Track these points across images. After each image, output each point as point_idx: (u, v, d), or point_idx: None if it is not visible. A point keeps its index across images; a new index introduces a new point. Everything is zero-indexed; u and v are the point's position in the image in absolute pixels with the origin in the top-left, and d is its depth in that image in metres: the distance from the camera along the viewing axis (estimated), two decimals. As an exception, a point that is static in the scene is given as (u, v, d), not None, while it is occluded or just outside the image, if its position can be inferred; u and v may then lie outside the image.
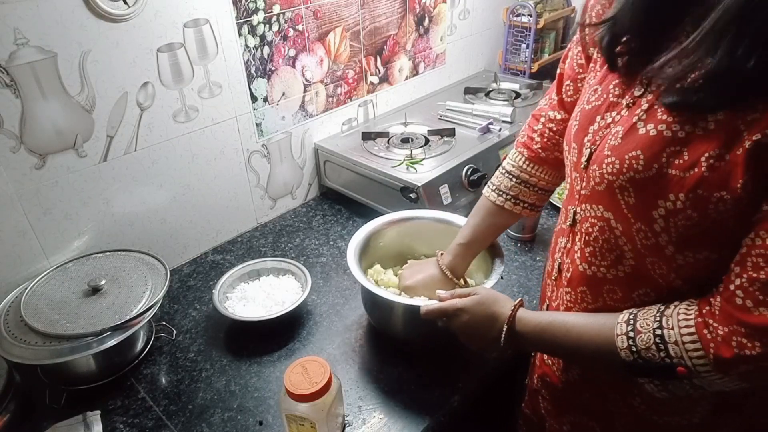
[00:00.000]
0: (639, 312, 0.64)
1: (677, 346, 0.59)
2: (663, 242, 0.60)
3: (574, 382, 0.80)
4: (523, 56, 1.98)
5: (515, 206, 0.93)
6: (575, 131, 0.72)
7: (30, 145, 0.97)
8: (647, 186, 0.59)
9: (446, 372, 0.97)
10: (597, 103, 0.69)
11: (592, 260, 0.70)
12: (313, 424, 0.77)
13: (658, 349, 0.60)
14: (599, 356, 0.67)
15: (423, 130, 1.49)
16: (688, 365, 0.58)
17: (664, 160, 0.58)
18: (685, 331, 0.59)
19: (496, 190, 0.94)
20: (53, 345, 0.87)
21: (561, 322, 0.72)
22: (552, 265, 0.83)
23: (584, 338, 0.68)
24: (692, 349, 0.58)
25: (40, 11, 0.91)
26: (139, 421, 0.91)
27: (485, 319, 0.78)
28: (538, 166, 0.91)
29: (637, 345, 0.62)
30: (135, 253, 1.07)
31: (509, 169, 0.93)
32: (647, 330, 0.61)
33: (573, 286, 0.75)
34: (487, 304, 0.79)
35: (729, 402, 0.67)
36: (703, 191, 0.55)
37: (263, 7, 1.22)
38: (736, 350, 0.55)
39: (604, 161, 0.64)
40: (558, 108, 0.87)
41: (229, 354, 1.03)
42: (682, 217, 0.57)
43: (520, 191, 0.92)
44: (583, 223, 0.71)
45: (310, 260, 1.28)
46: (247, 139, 1.31)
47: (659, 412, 0.72)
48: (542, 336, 0.74)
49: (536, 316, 0.75)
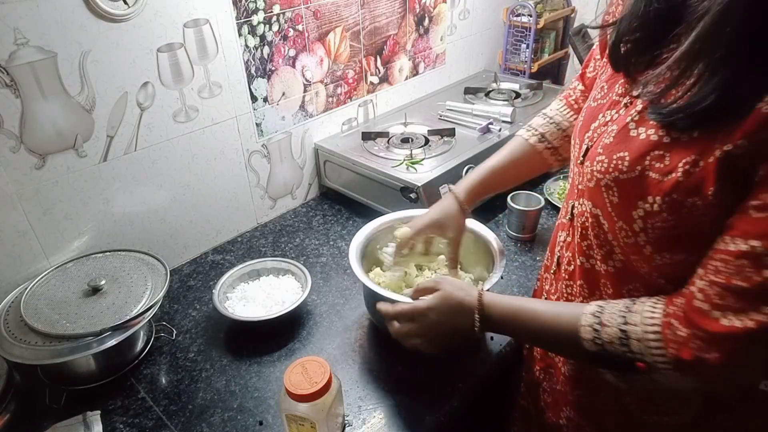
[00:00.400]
0: (607, 305, 0.65)
1: (640, 342, 0.60)
2: (641, 242, 0.62)
3: (569, 377, 0.80)
4: (523, 56, 1.98)
5: (539, 143, 0.95)
6: (579, 127, 0.74)
7: (30, 145, 0.97)
8: (630, 186, 0.61)
9: (446, 372, 0.97)
10: (602, 101, 0.70)
11: (589, 253, 0.71)
12: (313, 424, 0.77)
13: (621, 344, 0.61)
14: (565, 343, 0.68)
15: (423, 130, 1.49)
16: (648, 361, 0.60)
17: (647, 163, 0.59)
18: (649, 329, 0.60)
19: (527, 127, 0.98)
20: (53, 345, 0.87)
21: (530, 309, 0.72)
22: (551, 259, 0.84)
23: (551, 325, 0.69)
24: (654, 347, 0.59)
25: (40, 11, 0.91)
26: (139, 421, 0.91)
27: (454, 310, 0.77)
28: (570, 111, 0.95)
29: (601, 338, 0.63)
30: (135, 253, 1.07)
31: (547, 111, 0.98)
32: (613, 324, 0.62)
33: (574, 279, 0.75)
34: (451, 295, 0.77)
35: (721, 403, 0.67)
36: (678, 196, 0.56)
37: (263, 7, 1.22)
38: (696, 353, 0.55)
39: (596, 159, 0.65)
40: (579, 79, 0.93)
41: (229, 354, 1.03)
42: (659, 219, 0.58)
43: (549, 130, 0.95)
44: (579, 217, 0.72)
45: (310, 260, 1.28)
46: (247, 139, 1.31)
47: (650, 412, 0.72)
48: (511, 321, 0.74)
49: (504, 301, 0.75)
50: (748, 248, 0.52)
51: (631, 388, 0.72)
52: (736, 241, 0.53)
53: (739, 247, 0.52)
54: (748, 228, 0.52)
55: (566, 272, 0.77)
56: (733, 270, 0.53)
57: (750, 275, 0.52)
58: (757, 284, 0.51)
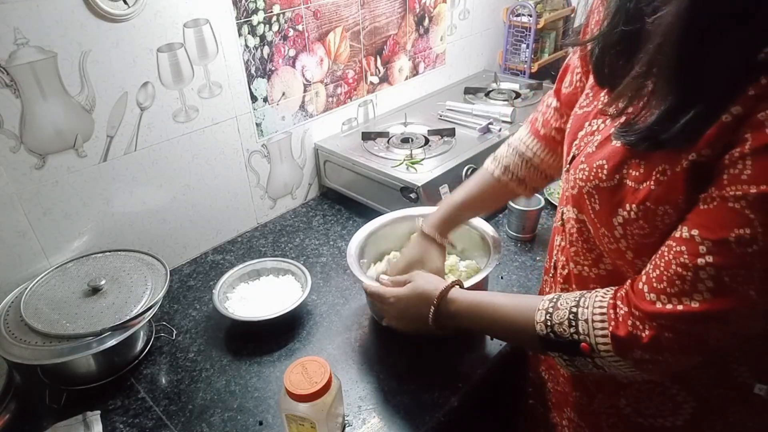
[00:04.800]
0: (565, 293, 0.68)
1: (587, 323, 0.62)
2: (623, 248, 0.63)
3: (568, 379, 0.81)
4: (523, 56, 1.98)
5: (503, 175, 0.94)
6: (568, 134, 0.74)
7: (30, 145, 0.97)
8: (609, 195, 0.62)
9: (446, 371, 0.97)
10: (588, 109, 0.71)
11: (578, 259, 0.72)
12: (313, 424, 0.77)
13: (570, 325, 0.63)
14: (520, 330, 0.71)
15: (423, 130, 1.49)
16: (591, 342, 0.61)
17: (624, 171, 0.60)
18: (597, 310, 0.62)
19: (493, 158, 0.97)
20: (53, 345, 0.87)
21: (490, 302, 0.77)
22: (549, 262, 0.84)
23: (510, 314, 0.73)
24: (599, 327, 0.61)
25: (40, 11, 0.91)
26: (139, 421, 0.91)
27: (416, 300, 0.84)
28: (535, 139, 0.92)
29: (552, 320, 0.65)
30: (135, 253, 1.07)
31: (511, 141, 0.97)
32: (565, 307, 0.65)
33: (569, 283, 0.76)
34: (419, 287, 0.85)
35: (712, 406, 0.68)
36: (651, 204, 0.57)
37: (263, 7, 1.22)
38: (630, 329, 0.58)
39: (579, 167, 0.66)
40: (554, 95, 0.90)
41: (229, 354, 1.03)
42: (636, 226, 0.59)
43: (512, 161, 0.93)
44: (567, 223, 0.73)
45: (310, 260, 1.28)
46: (247, 139, 1.31)
47: (644, 414, 0.73)
48: (471, 313, 0.78)
49: (469, 295, 0.80)
50: (688, 236, 0.54)
51: (626, 391, 0.72)
52: (683, 229, 0.55)
53: (683, 234, 0.54)
54: (694, 217, 0.54)
55: (561, 276, 0.78)
56: (672, 256, 0.55)
57: (686, 262, 0.54)
58: (691, 271, 0.53)
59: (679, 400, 0.69)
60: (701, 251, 0.52)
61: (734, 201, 0.50)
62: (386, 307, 0.91)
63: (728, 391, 0.66)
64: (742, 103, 0.49)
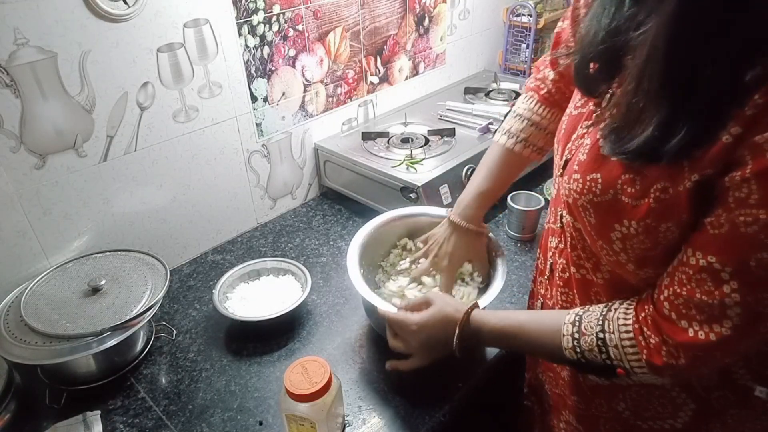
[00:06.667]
0: (584, 314, 0.67)
1: (617, 349, 0.62)
2: (623, 260, 0.62)
3: (567, 382, 0.81)
4: (523, 56, 1.98)
5: (524, 149, 0.93)
6: (561, 135, 0.73)
7: (30, 145, 0.97)
8: (605, 209, 0.61)
9: (446, 371, 0.96)
10: (582, 109, 0.70)
11: (580, 263, 0.72)
12: (313, 424, 0.77)
13: (600, 351, 0.63)
14: (550, 353, 0.71)
15: (423, 130, 1.49)
16: (626, 367, 0.62)
17: (619, 187, 0.59)
18: (624, 336, 0.62)
19: (507, 134, 0.94)
20: (53, 345, 0.87)
21: (515, 322, 0.74)
22: (544, 263, 0.83)
23: (535, 337, 0.72)
24: (631, 353, 0.62)
25: (40, 11, 0.91)
26: (139, 421, 0.91)
27: (441, 324, 0.79)
28: (548, 108, 0.91)
29: (581, 346, 0.65)
30: (135, 253, 1.07)
31: (520, 112, 0.94)
32: (591, 333, 0.65)
33: (570, 287, 0.75)
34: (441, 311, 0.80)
35: (713, 409, 0.68)
36: (652, 221, 0.57)
37: (263, 7, 1.22)
38: (665, 359, 0.59)
39: (572, 176, 0.65)
40: (550, 66, 0.89)
41: (229, 354, 1.03)
42: (637, 241, 0.59)
43: (531, 133, 0.92)
44: (567, 227, 0.72)
45: (310, 260, 1.28)
46: (247, 139, 1.31)
47: (643, 418, 0.73)
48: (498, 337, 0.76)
49: (492, 318, 0.77)
50: (706, 264, 0.54)
51: (625, 395, 0.73)
52: (697, 255, 0.55)
53: (699, 261, 0.54)
54: (705, 244, 0.54)
55: (561, 279, 0.77)
56: (695, 284, 0.55)
57: (711, 289, 0.54)
58: (717, 298, 0.54)
59: (679, 402, 0.68)
60: (724, 278, 0.53)
61: (746, 226, 0.50)
62: (408, 336, 0.83)
63: (728, 394, 0.66)
64: (740, 122, 0.49)
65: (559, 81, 0.89)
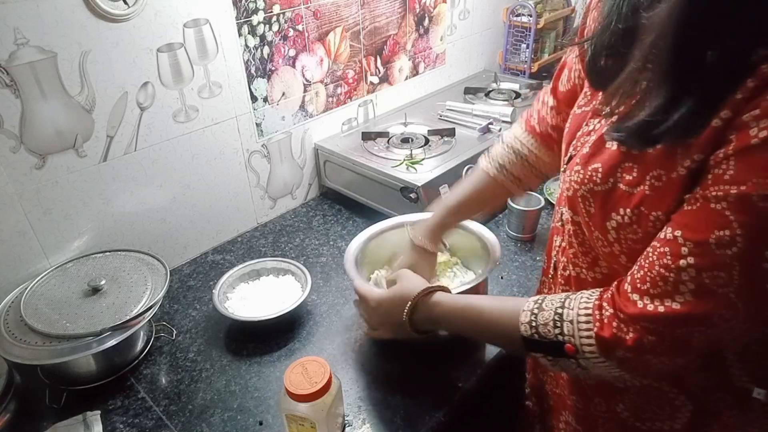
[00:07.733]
0: (551, 294, 0.67)
1: (572, 324, 0.62)
2: (617, 252, 0.62)
3: (567, 381, 0.81)
4: (523, 56, 1.98)
5: (499, 174, 0.93)
6: (566, 134, 0.74)
7: (30, 145, 0.97)
8: (604, 198, 0.61)
9: (446, 371, 0.97)
10: (586, 108, 0.70)
11: (576, 261, 0.72)
12: (313, 424, 0.77)
13: (554, 326, 0.63)
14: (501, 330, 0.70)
15: (423, 130, 1.49)
16: (576, 344, 0.61)
17: (618, 175, 0.59)
18: (582, 311, 0.62)
19: (487, 157, 0.96)
20: (53, 345, 0.87)
21: (473, 304, 0.75)
22: (548, 263, 0.84)
23: (493, 315, 0.72)
24: (584, 328, 0.61)
25: (40, 11, 0.91)
26: (139, 421, 0.91)
27: (397, 300, 0.82)
28: (531, 137, 0.92)
29: (537, 320, 0.65)
30: (135, 253, 1.07)
31: (505, 139, 0.96)
32: (550, 308, 0.65)
33: (570, 285, 0.75)
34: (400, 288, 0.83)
35: (710, 410, 0.68)
36: (645, 209, 0.57)
37: (263, 7, 1.22)
38: (615, 331, 0.58)
39: (574, 168, 0.66)
40: (551, 93, 0.89)
41: (229, 354, 1.03)
42: (629, 231, 0.59)
43: (509, 159, 0.93)
44: (566, 224, 0.72)
45: (310, 260, 1.28)
46: (247, 139, 1.31)
47: (642, 419, 0.72)
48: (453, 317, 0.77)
49: (453, 298, 0.79)
50: (672, 237, 0.53)
51: (624, 396, 0.72)
52: (667, 231, 0.54)
53: (666, 235, 0.54)
54: (678, 218, 0.54)
55: (563, 277, 0.77)
56: (656, 257, 0.55)
57: (668, 263, 0.53)
58: (673, 272, 0.53)
59: (677, 404, 0.68)
60: (683, 252, 0.52)
61: (716, 202, 0.50)
62: (368, 311, 0.89)
63: (726, 396, 0.66)
64: (730, 106, 0.49)
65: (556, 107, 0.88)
